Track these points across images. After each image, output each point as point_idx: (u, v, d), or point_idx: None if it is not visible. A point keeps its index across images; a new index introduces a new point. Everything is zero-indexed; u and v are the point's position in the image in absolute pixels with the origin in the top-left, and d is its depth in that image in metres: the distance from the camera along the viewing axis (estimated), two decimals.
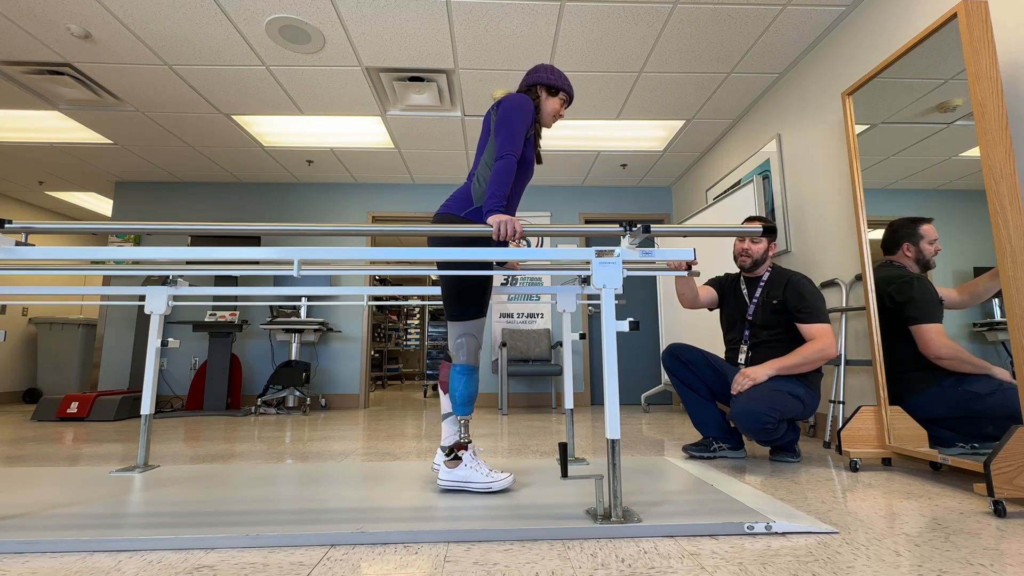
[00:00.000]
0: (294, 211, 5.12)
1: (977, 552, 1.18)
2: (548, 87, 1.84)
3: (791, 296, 2.26)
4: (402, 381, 9.24)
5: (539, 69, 1.85)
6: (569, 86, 1.86)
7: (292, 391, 4.38)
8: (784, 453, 2.25)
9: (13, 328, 5.62)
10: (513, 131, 1.68)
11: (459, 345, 1.71)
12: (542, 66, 1.86)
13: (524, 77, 1.88)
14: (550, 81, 1.83)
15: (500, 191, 1.63)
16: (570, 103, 1.91)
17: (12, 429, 3.49)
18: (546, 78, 1.83)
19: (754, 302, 2.37)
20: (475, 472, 1.64)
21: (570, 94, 1.87)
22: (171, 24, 2.74)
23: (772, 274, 2.38)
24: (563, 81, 1.85)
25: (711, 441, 2.33)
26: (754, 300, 2.38)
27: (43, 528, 1.31)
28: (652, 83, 3.33)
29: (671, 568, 1.10)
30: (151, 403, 2.11)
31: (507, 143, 1.67)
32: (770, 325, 2.32)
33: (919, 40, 1.94)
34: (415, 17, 2.69)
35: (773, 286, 2.34)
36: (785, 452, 2.25)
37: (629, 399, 5.09)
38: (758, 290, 2.38)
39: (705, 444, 2.33)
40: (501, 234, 1.56)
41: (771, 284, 2.36)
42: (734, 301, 2.47)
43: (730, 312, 2.49)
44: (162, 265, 2.57)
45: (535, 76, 1.85)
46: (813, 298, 2.24)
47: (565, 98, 1.87)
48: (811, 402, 2.19)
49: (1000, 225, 1.59)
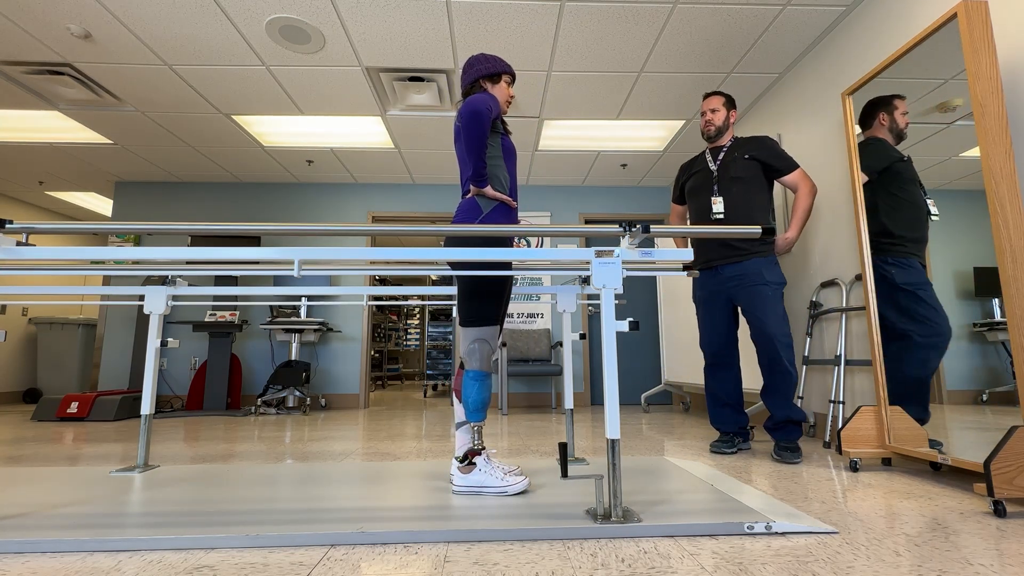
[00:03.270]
0: (294, 211, 5.12)
1: (977, 552, 1.18)
2: (488, 77, 1.83)
3: (762, 151, 2.41)
4: (402, 381, 9.24)
5: (473, 63, 1.84)
6: (506, 65, 1.85)
7: (292, 391, 4.38)
8: (785, 451, 2.24)
9: (13, 328, 5.62)
10: (474, 145, 1.65)
11: (472, 351, 1.70)
12: (473, 59, 1.85)
13: (462, 78, 1.86)
14: (488, 71, 1.82)
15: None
16: (514, 80, 1.91)
17: (12, 429, 3.49)
18: (483, 70, 1.82)
19: (719, 160, 2.49)
20: (489, 476, 1.63)
21: (512, 73, 1.87)
22: (171, 24, 2.74)
23: (736, 140, 2.51)
24: (499, 64, 1.84)
25: (733, 438, 2.49)
26: (718, 160, 2.50)
27: (43, 528, 1.31)
28: (652, 83, 3.33)
29: (671, 568, 1.10)
30: (151, 403, 2.11)
31: (477, 162, 1.67)
32: (739, 176, 2.41)
33: (919, 40, 1.94)
34: (415, 17, 2.69)
35: (738, 146, 2.47)
36: (791, 450, 2.24)
37: (629, 399, 5.09)
38: (722, 153, 2.50)
39: (729, 441, 2.48)
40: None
41: (736, 146, 2.48)
42: (700, 173, 2.55)
43: (695, 183, 2.57)
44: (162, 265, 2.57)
45: (473, 73, 1.83)
46: (781, 149, 2.43)
47: (509, 79, 1.87)
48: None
49: (1000, 225, 1.59)
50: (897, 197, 2.09)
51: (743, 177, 2.40)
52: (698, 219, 2.53)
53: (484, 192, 1.71)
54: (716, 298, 2.49)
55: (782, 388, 2.33)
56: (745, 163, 2.41)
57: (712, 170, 2.49)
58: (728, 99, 2.52)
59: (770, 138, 2.45)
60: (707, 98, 2.54)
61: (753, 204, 2.39)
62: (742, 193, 2.40)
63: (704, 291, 2.53)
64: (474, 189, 1.71)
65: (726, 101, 2.51)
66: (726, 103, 2.51)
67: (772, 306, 2.32)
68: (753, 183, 2.40)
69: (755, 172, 2.40)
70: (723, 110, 2.50)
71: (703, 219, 2.50)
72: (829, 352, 2.83)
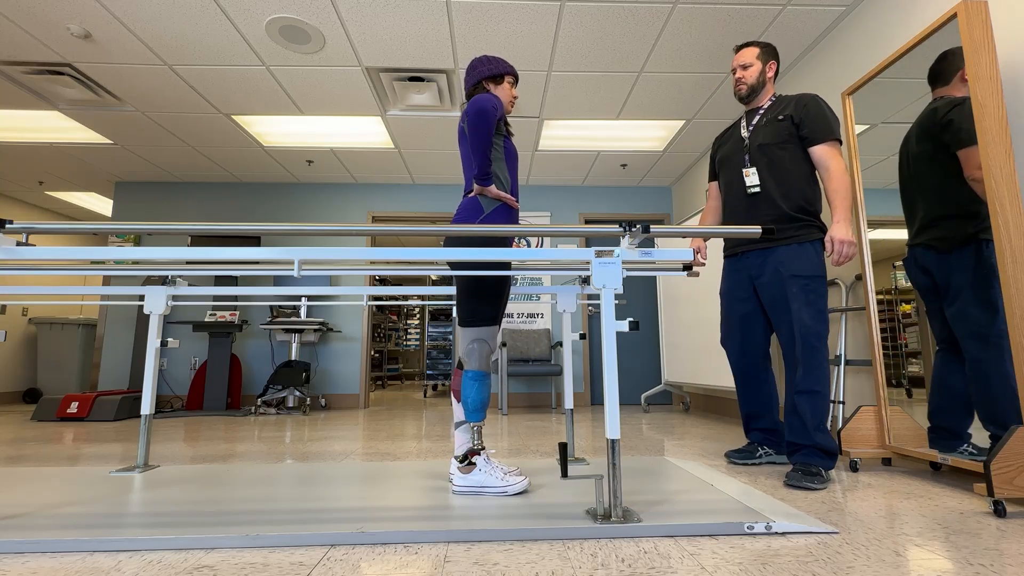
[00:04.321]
0: (294, 211, 5.12)
1: (977, 552, 1.18)
2: (491, 78, 1.84)
3: (800, 111, 1.97)
4: (402, 381, 9.24)
5: (476, 65, 1.85)
6: (509, 66, 1.86)
7: (292, 391, 4.38)
8: (810, 477, 1.77)
9: (13, 328, 5.62)
10: (480, 143, 1.66)
11: (470, 351, 1.70)
12: (476, 60, 1.85)
13: (466, 80, 1.87)
14: (491, 71, 1.83)
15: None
16: (517, 82, 1.92)
17: (12, 429, 3.49)
18: (486, 71, 1.83)
19: (752, 125, 2.09)
20: (489, 476, 1.63)
21: (515, 74, 1.88)
22: (171, 24, 2.74)
23: (777, 99, 2.09)
24: (502, 65, 1.85)
25: (756, 447, 2.15)
26: (752, 124, 2.09)
27: (43, 528, 1.31)
28: (652, 83, 3.33)
29: (671, 568, 1.10)
30: (151, 403, 2.11)
31: (482, 160, 1.67)
32: (769, 142, 2.00)
33: (919, 40, 1.94)
34: (415, 17, 2.69)
35: (776, 108, 2.05)
36: (809, 474, 1.78)
37: (629, 399, 5.09)
38: (757, 116, 2.09)
39: (749, 451, 2.16)
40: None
41: (774, 107, 2.06)
42: (732, 142, 2.17)
43: (725, 152, 2.17)
44: (162, 265, 2.57)
45: (476, 74, 1.84)
46: (825, 113, 1.95)
47: (512, 80, 1.87)
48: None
49: (1000, 225, 1.59)
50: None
51: (776, 143, 1.99)
52: (728, 196, 2.14)
53: (487, 191, 1.71)
54: (736, 291, 2.12)
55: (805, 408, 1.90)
56: (778, 125, 2.00)
57: (743, 137, 2.09)
58: (765, 49, 2.09)
59: (817, 97, 1.99)
60: (739, 51, 2.13)
61: (793, 175, 1.97)
62: (780, 162, 1.99)
63: (726, 283, 2.18)
64: (477, 188, 1.70)
65: (761, 52, 2.08)
66: (762, 54, 2.07)
67: (800, 303, 1.90)
68: (790, 149, 1.98)
69: (789, 136, 1.98)
70: (757, 63, 2.07)
71: (733, 195, 2.11)
72: (829, 352, 2.84)
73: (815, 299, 1.91)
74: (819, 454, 1.85)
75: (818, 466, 1.82)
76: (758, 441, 2.18)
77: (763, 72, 2.07)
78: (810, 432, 1.87)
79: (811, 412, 1.88)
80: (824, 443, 1.85)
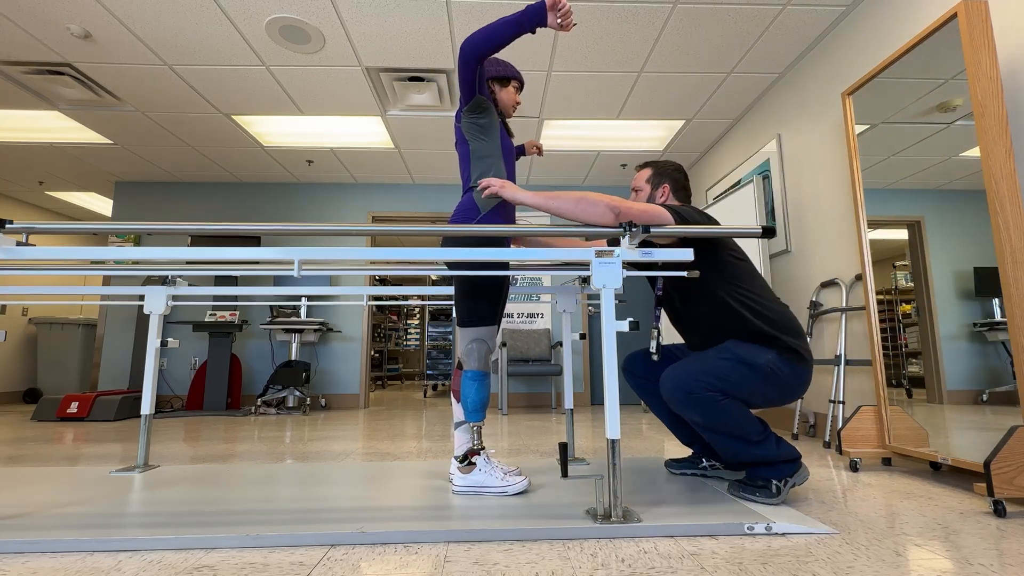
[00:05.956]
0: (294, 211, 5.12)
1: (977, 552, 1.18)
2: (498, 79, 1.84)
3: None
4: (402, 381, 9.24)
5: (484, 65, 1.84)
6: (516, 71, 1.87)
7: (292, 391, 4.38)
8: (751, 488, 1.55)
9: (13, 328, 5.62)
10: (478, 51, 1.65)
11: (469, 351, 1.69)
12: (487, 61, 1.86)
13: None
14: (498, 73, 1.84)
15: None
16: (522, 88, 1.92)
17: (12, 429, 3.49)
18: (494, 72, 1.84)
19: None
20: (489, 476, 1.63)
21: (521, 80, 1.89)
22: (171, 24, 2.74)
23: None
24: (510, 69, 1.86)
25: (699, 458, 1.90)
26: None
27: (43, 528, 1.31)
28: (652, 83, 3.33)
29: (671, 568, 1.10)
30: (151, 403, 2.11)
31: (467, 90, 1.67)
32: (678, 285, 1.75)
33: (919, 40, 1.94)
34: (415, 17, 2.69)
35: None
36: (753, 486, 1.55)
37: (629, 399, 5.09)
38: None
39: (692, 460, 1.91)
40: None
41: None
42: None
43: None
44: (162, 265, 2.56)
45: (483, 73, 1.82)
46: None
47: (517, 85, 1.88)
48: (787, 379, 1.54)
49: (1000, 225, 1.59)
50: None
51: (680, 287, 1.75)
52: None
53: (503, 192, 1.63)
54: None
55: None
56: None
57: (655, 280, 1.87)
58: (658, 170, 1.85)
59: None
60: (640, 168, 1.92)
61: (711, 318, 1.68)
62: (694, 314, 1.73)
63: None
64: (482, 184, 1.67)
65: (653, 175, 1.85)
66: (653, 177, 1.85)
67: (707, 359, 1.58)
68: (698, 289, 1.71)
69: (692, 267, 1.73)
70: (646, 188, 1.86)
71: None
72: (829, 352, 2.84)
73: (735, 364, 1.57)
74: (765, 467, 1.57)
75: (766, 477, 1.55)
76: (700, 453, 1.93)
77: (652, 198, 1.85)
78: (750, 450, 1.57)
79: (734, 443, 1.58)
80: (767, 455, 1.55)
